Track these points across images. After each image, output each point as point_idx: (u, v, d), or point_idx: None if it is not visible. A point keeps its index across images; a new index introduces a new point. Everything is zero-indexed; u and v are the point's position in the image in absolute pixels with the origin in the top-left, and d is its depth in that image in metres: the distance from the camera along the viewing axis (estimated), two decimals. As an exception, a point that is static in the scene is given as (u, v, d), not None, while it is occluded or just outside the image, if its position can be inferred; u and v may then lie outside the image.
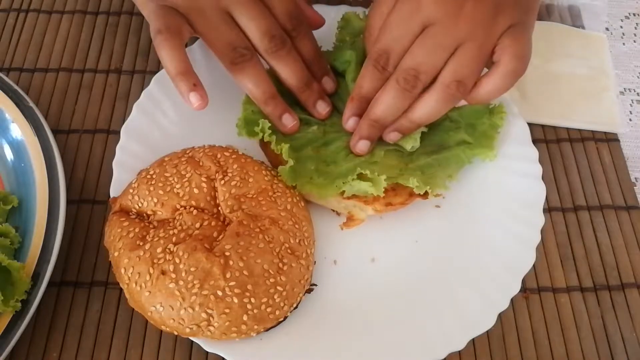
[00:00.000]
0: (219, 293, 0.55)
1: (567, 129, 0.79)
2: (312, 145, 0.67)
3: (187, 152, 0.65)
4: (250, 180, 0.62)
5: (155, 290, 0.55)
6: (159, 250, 0.56)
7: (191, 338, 0.57)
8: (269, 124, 0.64)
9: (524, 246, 0.64)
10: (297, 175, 0.63)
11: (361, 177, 0.62)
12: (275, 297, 0.57)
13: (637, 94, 0.84)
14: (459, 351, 0.60)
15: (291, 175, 0.63)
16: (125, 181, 0.65)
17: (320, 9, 0.80)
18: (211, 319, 0.55)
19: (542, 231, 0.65)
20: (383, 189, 0.62)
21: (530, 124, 0.72)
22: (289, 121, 0.65)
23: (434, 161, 0.67)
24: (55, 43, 0.83)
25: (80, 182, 0.72)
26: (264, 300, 0.56)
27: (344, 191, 0.63)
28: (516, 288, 0.62)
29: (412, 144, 0.66)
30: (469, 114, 0.69)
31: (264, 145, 0.67)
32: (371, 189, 0.61)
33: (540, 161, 0.69)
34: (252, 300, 0.55)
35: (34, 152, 0.67)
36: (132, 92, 0.79)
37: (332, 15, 0.78)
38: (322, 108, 0.68)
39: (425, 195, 0.64)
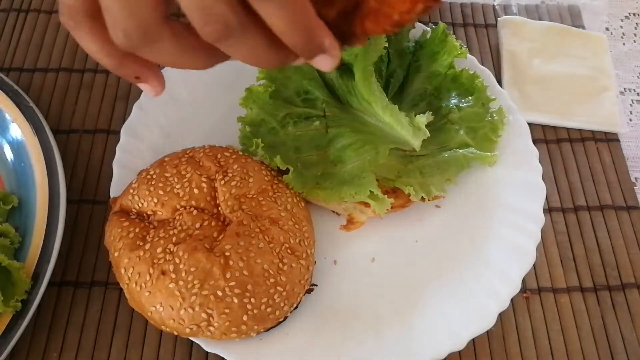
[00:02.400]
0: (219, 293, 0.55)
1: (567, 129, 0.79)
2: (316, 147, 0.67)
3: (188, 152, 0.65)
4: (251, 180, 0.62)
5: (155, 290, 0.55)
6: (159, 250, 0.56)
7: (191, 338, 0.57)
8: (262, 145, 0.64)
9: (524, 246, 0.64)
10: (304, 181, 0.63)
11: (370, 195, 0.62)
12: (275, 297, 0.57)
13: (637, 94, 0.84)
14: (459, 351, 0.60)
15: (298, 182, 0.63)
16: (125, 181, 0.65)
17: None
18: (211, 319, 0.55)
19: (542, 231, 0.65)
20: (385, 210, 0.62)
21: (530, 124, 0.72)
22: (325, 62, 0.41)
23: (434, 163, 0.67)
24: (55, 43, 0.83)
25: (80, 182, 0.72)
26: (264, 300, 0.56)
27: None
28: (516, 288, 0.62)
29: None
30: (470, 116, 0.69)
31: None
32: (375, 206, 0.61)
33: (540, 161, 0.69)
34: (252, 300, 0.55)
35: (34, 152, 0.67)
36: (132, 92, 0.79)
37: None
38: None
39: (424, 198, 0.64)
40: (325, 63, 0.41)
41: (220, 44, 0.37)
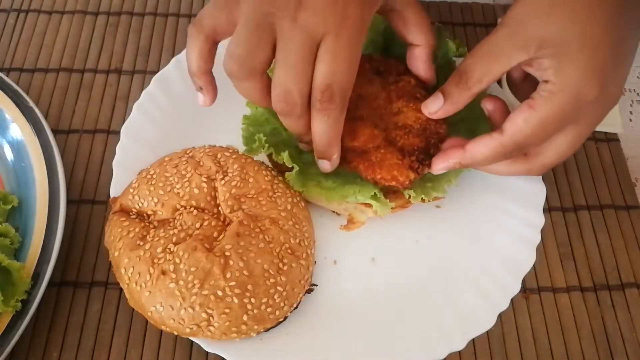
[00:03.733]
0: (219, 293, 0.55)
1: (567, 129, 0.78)
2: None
3: (188, 152, 0.65)
4: (251, 180, 0.62)
5: (155, 290, 0.55)
6: (159, 250, 0.56)
7: (191, 338, 0.57)
8: (265, 138, 0.63)
9: (524, 246, 0.65)
10: (304, 179, 0.63)
11: (372, 196, 0.62)
12: (276, 297, 0.57)
13: (637, 94, 0.84)
14: (459, 351, 0.60)
15: (298, 180, 0.63)
16: (125, 181, 0.65)
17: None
18: (211, 319, 0.55)
19: (542, 231, 0.65)
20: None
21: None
22: (325, 165, 0.60)
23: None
24: (55, 43, 0.83)
25: (80, 182, 0.72)
26: (264, 300, 0.56)
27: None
28: (516, 288, 0.62)
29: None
30: (469, 119, 0.69)
31: (269, 155, 0.67)
32: (378, 207, 0.61)
33: (540, 161, 0.69)
34: (252, 300, 0.55)
35: (34, 152, 0.67)
36: (132, 92, 0.79)
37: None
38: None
39: (424, 199, 0.64)
40: (324, 166, 0.60)
41: (279, 114, 0.55)
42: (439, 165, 0.60)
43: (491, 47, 0.54)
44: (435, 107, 0.59)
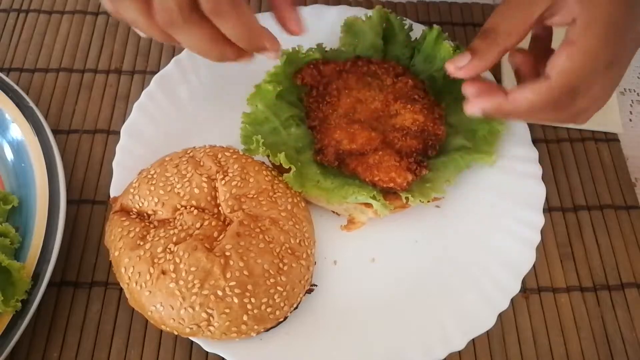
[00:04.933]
0: (219, 293, 0.55)
1: (567, 128, 0.79)
2: (314, 149, 0.67)
3: (188, 152, 0.65)
4: (251, 180, 0.62)
5: (155, 289, 0.55)
6: (159, 249, 0.56)
7: (191, 338, 0.57)
8: (262, 140, 0.63)
9: (524, 246, 0.65)
10: (303, 179, 0.63)
11: (373, 196, 0.62)
12: (276, 297, 0.57)
13: (637, 94, 0.84)
14: (459, 351, 0.60)
15: (297, 181, 0.63)
16: (125, 181, 0.65)
17: (319, 9, 0.80)
18: (211, 318, 0.55)
19: (542, 231, 0.65)
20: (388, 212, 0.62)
21: (530, 124, 0.72)
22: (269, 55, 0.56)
23: (432, 165, 0.66)
24: (55, 43, 0.83)
25: (80, 182, 0.72)
26: (264, 300, 0.56)
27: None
28: (516, 288, 0.62)
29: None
30: (468, 119, 0.69)
31: (268, 155, 0.66)
32: (378, 207, 0.61)
33: (540, 161, 0.69)
34: (253, 300, 0.55)
35: (34, 152, 0.67)
36: (132, 92, 0.79)
37: (332, 15, 0.78)
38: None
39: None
40: (268, 56, 0.55)
41: (168, 30, 0.50)
42: (476, 106, 0.56)
43: (514, 1, 0.54)
44: (462, 62, 0.56)
